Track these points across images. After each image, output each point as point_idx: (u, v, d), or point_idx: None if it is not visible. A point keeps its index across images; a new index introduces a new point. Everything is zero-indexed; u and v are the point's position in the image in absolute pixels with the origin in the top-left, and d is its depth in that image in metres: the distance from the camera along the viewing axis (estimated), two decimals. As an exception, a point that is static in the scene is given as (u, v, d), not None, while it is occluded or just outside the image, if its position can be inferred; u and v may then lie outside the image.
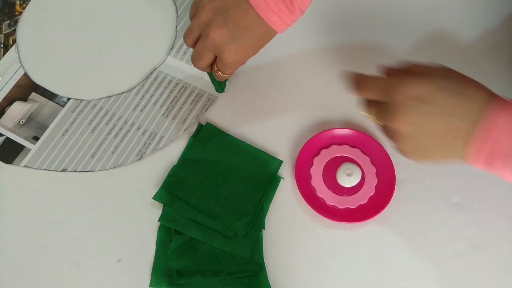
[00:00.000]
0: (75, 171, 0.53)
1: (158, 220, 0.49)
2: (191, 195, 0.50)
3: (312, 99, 0.55)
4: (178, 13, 0.62)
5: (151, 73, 0.58)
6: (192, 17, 0.47)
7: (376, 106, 0.41)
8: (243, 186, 0.51)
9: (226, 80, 0.54)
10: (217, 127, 0.54)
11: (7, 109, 0.57)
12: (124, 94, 0.57)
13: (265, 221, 0.50)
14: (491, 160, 0.37)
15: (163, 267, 0.48)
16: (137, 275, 0.48)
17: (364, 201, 0.50)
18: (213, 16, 0.44)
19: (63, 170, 0.53)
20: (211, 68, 0.49)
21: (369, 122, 0.54)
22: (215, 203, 0.50)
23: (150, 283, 0.47)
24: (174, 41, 0.60)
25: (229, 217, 0.49)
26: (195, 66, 0.48)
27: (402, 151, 0.41)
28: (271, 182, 0.51)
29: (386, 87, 0.40)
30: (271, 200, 0.50)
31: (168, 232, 0.49)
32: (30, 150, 0.54)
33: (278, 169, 0.52)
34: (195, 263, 0.47)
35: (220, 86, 0.55)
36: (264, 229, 0.49)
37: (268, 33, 0.45)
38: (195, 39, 0.47)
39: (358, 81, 0.43)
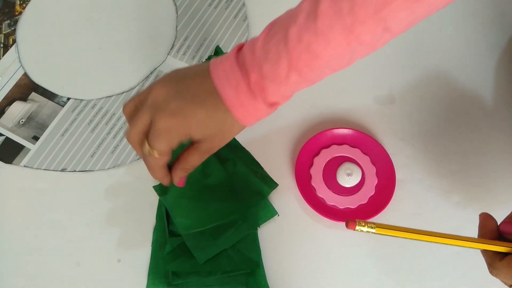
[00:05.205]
0: (75, 171, 0.53)
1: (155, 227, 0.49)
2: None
3: (312, 98, 0.55)
4: (178, 13, 0.62)
5: (151, 73, 0.58)
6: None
7: None
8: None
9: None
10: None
11: (7, 109, 0.57)
12: (124, 94, 0.57)
13: (265, 221, 0.49)
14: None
15: (160, 268, 0.47)
16: (137, 275, 0.48)
17: (364, 201, 0.49)
18: (165, 80, 0.38)
19: (63, 170, 0.53)
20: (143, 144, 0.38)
21: (369, 122, 0.54)
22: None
23: (147, 285, 0.47)
24: (174, 41, 0.60)
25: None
26: (127, 137, 0.39)
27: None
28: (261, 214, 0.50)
29: None
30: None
31: (163, 234, 0.49)
32: (29, 150, 0.54)
33: (270, 192, 0.50)
34: (191, 264, 0.47)
35: (161, 189, 0.50)
36: (259, 226, 0.49)
37: (219, 110, 0.37)
38: (136, 105, 0.39)
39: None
